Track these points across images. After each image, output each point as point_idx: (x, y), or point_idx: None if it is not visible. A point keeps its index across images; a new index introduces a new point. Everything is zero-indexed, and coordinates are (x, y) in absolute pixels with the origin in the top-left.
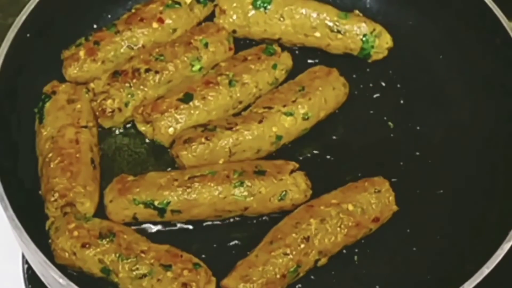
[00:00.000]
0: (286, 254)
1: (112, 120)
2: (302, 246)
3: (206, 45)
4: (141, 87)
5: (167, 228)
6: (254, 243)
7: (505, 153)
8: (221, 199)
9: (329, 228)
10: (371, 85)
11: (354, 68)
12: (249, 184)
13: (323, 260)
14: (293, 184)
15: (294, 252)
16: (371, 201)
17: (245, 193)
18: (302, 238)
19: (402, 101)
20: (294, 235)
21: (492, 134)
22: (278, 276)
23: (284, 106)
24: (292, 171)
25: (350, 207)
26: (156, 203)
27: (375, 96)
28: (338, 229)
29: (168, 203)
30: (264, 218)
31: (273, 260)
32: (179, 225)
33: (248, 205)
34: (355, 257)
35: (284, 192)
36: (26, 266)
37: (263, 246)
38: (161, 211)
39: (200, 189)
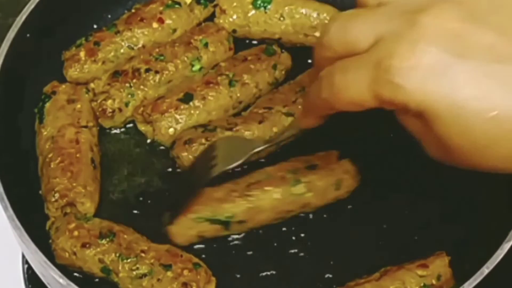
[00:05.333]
0: None
1: (112, 120)
2: None
3: (206, 45)
4: (141, 87)
5: None
6: (254, 243)
7: None
8: (281, 200)
9: None
10: None
11: None
12: (306, 180)
13: None
14: (344, 172)
15: None
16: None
17: (303, 190)
18: None
19: None
20: None
21: None
22: None
23: (284, 106)
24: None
25: None
26: (220, 217)
27: None
28: None
29: (232, 215)
30: None
31: None
32: None
33: (308, 201)
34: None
35: (338, 181)
36: (26, 266)
37: None
38: (226, 224)
39: (260, 195)
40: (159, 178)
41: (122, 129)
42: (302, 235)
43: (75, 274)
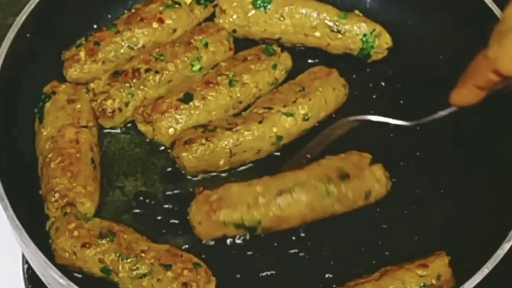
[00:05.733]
0: None
1: (112, 120)
2: None
3: (206, 45)
4: (141, 87)
5: (167, 228)
6: (255, 243)
7: (505, 152)
8: (310, 210)
9: None
10: (371, 85)
11: (354, 68)
12: (336, 191)
13: None
14: (375, 180)
15: None
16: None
17: (334, 201)
18: None
19: (402, 101)
20: None
21: (492, 134)
22: None
23: (285, 106)
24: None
25: None
26: (247, 224)
27: (375, 96)
28: None
29: (259, 222)
30: None
31: None
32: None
33: (336, 211)
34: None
35: (368, 190)
36: (26, 266)
37: None
38: (252, 230)
39: (290, 204)
40: (159, 178)
41: (122, 129)
42: (302, 235)
43: (75, 274)
